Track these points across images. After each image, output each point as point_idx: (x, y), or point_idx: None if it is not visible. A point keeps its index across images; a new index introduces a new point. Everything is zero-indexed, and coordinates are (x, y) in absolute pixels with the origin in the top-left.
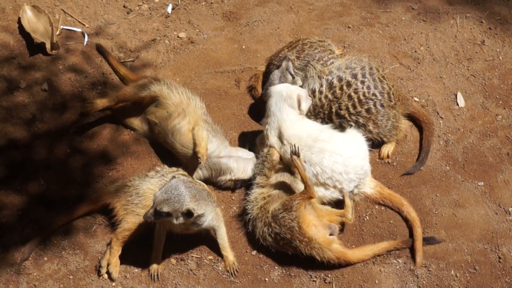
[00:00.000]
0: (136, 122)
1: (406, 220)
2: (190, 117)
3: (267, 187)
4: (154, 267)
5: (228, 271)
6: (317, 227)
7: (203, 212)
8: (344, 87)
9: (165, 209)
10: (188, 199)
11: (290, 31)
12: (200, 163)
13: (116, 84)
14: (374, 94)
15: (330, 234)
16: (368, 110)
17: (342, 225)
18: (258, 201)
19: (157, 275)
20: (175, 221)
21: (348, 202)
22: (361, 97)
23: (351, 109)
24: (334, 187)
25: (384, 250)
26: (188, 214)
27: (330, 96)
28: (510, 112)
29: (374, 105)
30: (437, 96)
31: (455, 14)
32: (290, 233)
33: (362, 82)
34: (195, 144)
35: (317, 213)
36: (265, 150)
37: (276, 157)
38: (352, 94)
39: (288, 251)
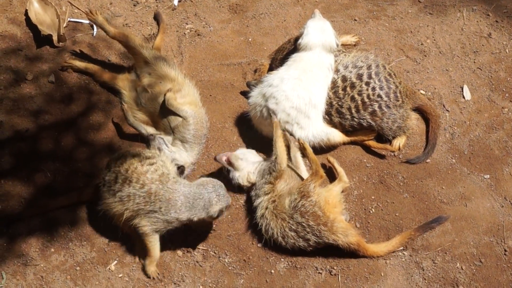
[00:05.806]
0: (123, 84)
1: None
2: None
3: (272, 191)
4: (152, 270)
5: None
6: (337, 208)
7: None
8: (348, 89)
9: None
10: None
11: (297, 23)
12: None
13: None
14: (379, 96)
15: None
16: (372, 113)
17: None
18: (268, 207)
19: (158, 275)
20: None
21: (338, 167)
22: (365, 99)
23: (354, 112)
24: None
25: (399, 245)
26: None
27: (331, 94)
28: None
29: (380, 107)
30: (443, 89)
31: (461, 7)
32: (313, 219)
33: (367, 84)
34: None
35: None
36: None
37: (284, 165)
38: (356, 96)
39: (308, 243)
